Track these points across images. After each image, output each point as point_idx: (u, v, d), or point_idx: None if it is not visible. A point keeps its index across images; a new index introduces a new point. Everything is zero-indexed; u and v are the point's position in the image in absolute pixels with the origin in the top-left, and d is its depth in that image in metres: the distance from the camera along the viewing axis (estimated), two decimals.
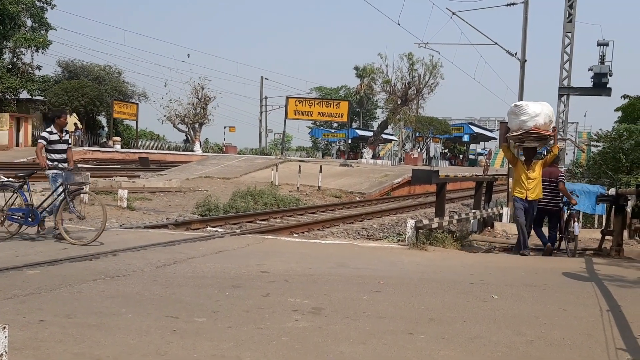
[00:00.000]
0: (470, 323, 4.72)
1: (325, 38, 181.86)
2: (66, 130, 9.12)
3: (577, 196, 10.14)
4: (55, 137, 8.72)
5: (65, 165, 8.71)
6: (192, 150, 44.91)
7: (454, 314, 5.02)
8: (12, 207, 8.36)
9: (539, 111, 8.93)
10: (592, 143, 23.48)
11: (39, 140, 8.84)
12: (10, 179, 9.37)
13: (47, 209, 8.40)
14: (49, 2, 41.89)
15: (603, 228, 10.54)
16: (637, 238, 11.76)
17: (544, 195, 9.31)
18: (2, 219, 8.35)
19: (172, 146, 49.61)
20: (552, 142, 9.51)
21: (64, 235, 8.05)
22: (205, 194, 17.43)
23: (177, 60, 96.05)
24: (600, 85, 18.87)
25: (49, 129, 8.82)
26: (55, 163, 8.64)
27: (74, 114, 42.47)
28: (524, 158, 9.40)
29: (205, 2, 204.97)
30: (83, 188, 8.70)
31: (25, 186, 8.49)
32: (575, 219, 9.52)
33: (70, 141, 9.04)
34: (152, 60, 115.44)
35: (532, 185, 9.11)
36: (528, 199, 9.09)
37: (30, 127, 40.23)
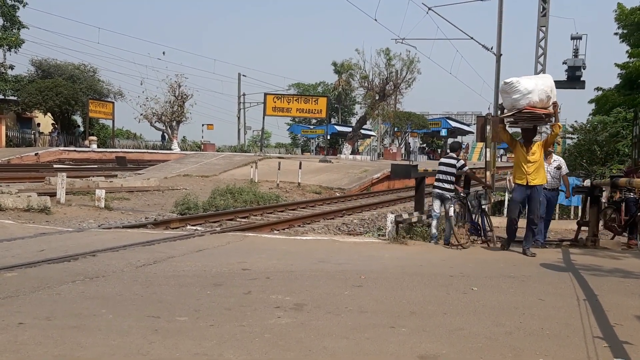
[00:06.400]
0: (451, 315, 4.78)
1: (302, 34, 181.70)
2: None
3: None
4: None
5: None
6: (170, 149, 44.46)
7: (434, 306, 5.07)
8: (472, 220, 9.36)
9: (532, 87, 8.00)
10: (568, 135, 23.84)
11: (468, 168, 9.78)
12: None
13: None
14: (20, 0, 41.01)
15: (579, 219, 10.71)
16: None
17: None
18: (466, 231, 9.19)
19: (150, 145, 49.07)
20: (552, 120, 8.45)
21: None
22: (184, 193, 17.32)
23: (152, 58, 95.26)
24: (574, 79, 19.08)
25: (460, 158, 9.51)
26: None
27: (49, 114, 41.84)
28: (523, 140, 8.57)
29: None
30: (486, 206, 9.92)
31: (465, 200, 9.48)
32: None
33: None
34: (127, 58, 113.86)
35: (533, 169, 8.28)
36: (529, 184, 8.27)
37: (3, 127, 39.48)
